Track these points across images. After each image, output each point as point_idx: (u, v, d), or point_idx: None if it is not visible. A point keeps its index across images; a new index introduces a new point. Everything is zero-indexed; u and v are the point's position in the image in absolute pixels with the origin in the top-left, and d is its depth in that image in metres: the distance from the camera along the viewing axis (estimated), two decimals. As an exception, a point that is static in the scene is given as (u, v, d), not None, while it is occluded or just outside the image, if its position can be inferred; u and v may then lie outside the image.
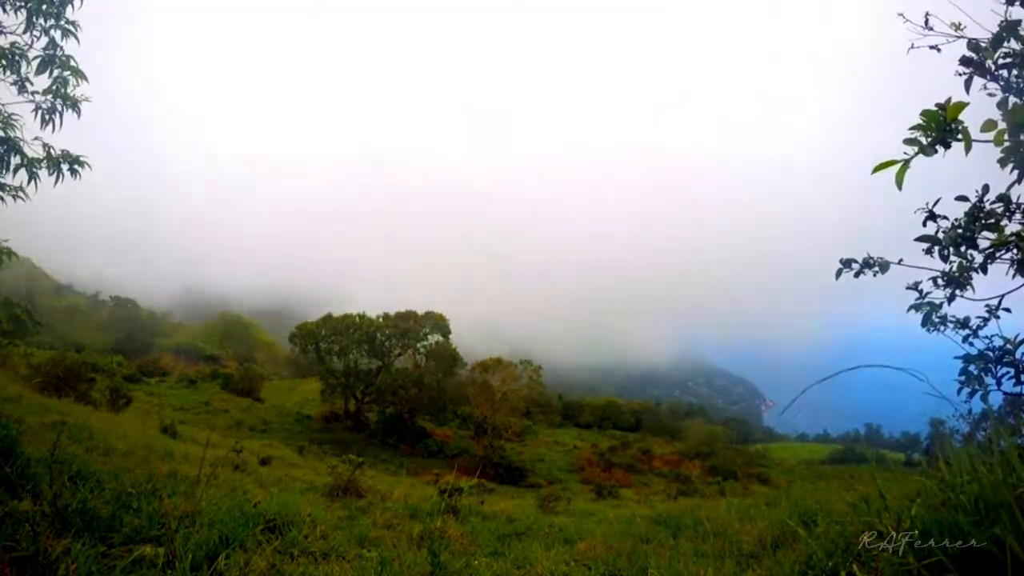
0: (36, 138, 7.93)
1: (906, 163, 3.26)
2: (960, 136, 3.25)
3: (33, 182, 7.93)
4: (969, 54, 3.92)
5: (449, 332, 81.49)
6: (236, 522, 7.01)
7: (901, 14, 4.27)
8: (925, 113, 3.28)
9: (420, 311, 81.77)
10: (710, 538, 8.47)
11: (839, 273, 4.59)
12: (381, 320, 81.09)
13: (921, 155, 3.29)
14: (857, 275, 4.52)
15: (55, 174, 8.00)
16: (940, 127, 3.26)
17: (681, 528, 10.35)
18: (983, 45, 3.91)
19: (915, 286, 4.53)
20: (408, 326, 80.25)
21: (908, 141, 3.31)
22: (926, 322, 4.52)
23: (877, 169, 3.29)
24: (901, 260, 4.38)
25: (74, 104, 8.04)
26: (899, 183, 3.25)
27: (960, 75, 3.93)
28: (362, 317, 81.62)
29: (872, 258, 4.45)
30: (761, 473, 68.82)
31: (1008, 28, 3.87)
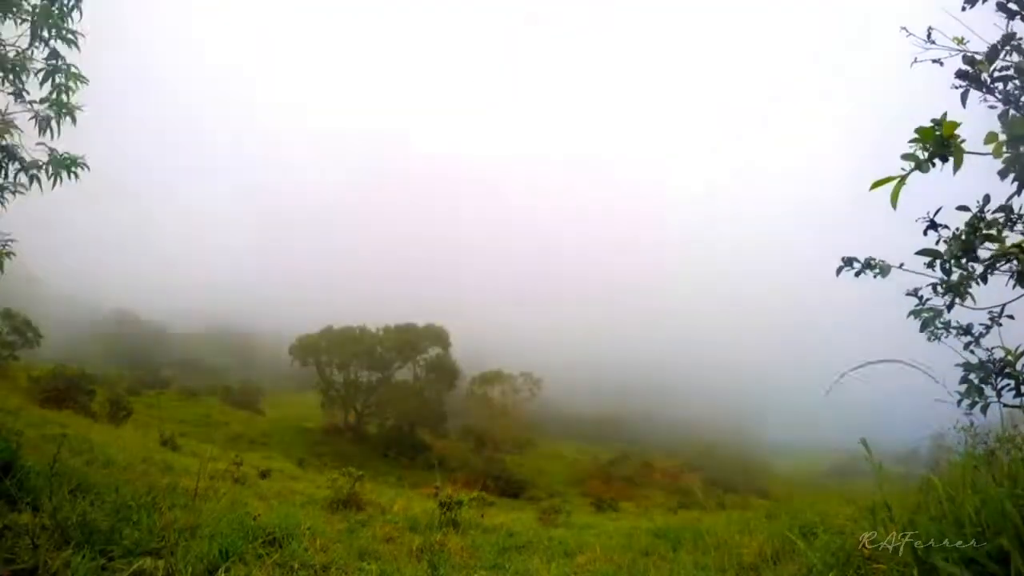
0: (39, 143, 7.98)
1: (902, 180, 3.25)
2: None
3: (36, 183, 7.97)
4: (965, 67, 3.94)
5: (449, 345, 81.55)
6: (236, 535, 6.99)
7: (904, 28, 4.28)
8: (920, 130, 3.28)
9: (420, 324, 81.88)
10: (710, 551, 8.45)
11: (839, 271, 4.58)
12: (381, 333, 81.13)
13: (918, 171, 3.29)
14: (858, 274, 4.50)
15: (54, 178, 8.03)
16: (937, 143, 3.26)
17: (681, 541, 10.32)
18: (979, 58, 3.92)
19: (915, 292, 4.52)
20: (408, 339, 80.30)
21: (905, 156, 3.31)
22: (925, 327, 4.50)
23: (875, 186, 3.28)
24: (902, 264, 4.37)
25: (70, 112, 8.08)
26: (894, 202, 3.24)
27: (956, 88, 3.94)
28: (362, 330, 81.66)
29: (873, 260, 4.44)
30: (761, 485, 68.65)
31: (1004, 40, 3.89)
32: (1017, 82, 3.89)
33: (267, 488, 16.96)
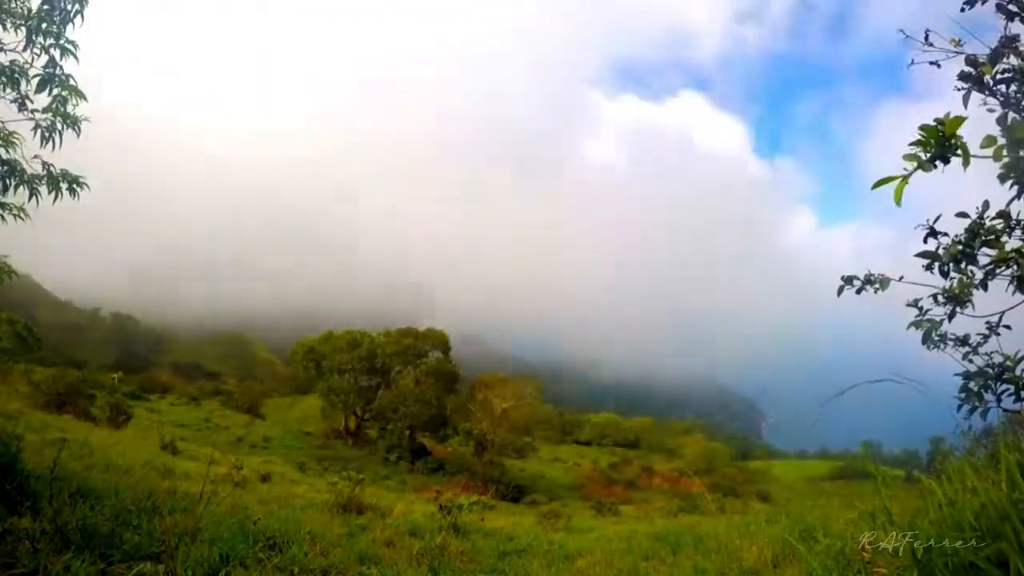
0: (36, 156, 7.95)
1: (905, 179, 3.25)
2: (959, 151, 3.25)
3: (34, 199, 7.96)
4: (967, 69, 3.93)
5: (449, 349, 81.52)
6: (236, 539, 7.00)
7: (901, 30, 4.27)
8: (924, 128, 3.28)
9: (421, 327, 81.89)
10: (710, 555, 8.44)
11: (840, 290, 4.58)
12: (382, 337, 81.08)
13: (920, 171, 3.29)
14: (859, 292, 4.50)
15: (54, 192, 8.01)
16: (939, 142, 3.25)
17: (681, 545, 10.31)
18: (981, 60, 3.92)
19: (915, 303, 4.51)
20: (409, 343, 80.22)
21: (907, 157, 3.31)
22: (926, 339, 4.49)
23: (876, 185, 3.28)
24: (902, 277, 4.37)
25: (74, 123, 8.05)
26: (897, 199, 3.24)
27: (958, 90, 3.94)
28: (363, 334, 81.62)
29: (873, 275, 4.43)
30: (761, 490, 68.61)
31: (1006, 43, 3.88)
32: (1018, 85, 3.89)
33: (267, 492, 16.92)
